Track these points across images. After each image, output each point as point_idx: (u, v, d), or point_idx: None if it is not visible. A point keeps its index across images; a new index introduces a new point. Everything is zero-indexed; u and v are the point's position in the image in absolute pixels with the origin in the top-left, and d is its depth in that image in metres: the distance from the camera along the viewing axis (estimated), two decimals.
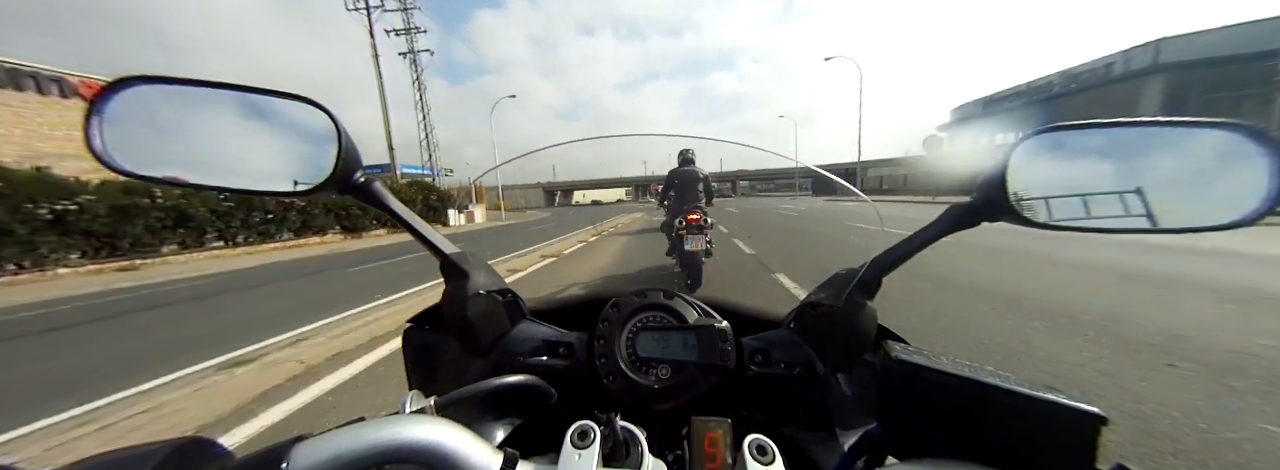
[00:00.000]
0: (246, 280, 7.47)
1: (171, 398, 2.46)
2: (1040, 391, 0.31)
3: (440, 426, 0.31)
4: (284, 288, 6.60)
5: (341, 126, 0.44)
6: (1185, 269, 4.64)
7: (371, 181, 0.47)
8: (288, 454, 0.27)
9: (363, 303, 4.94)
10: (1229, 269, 4.59)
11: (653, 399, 0.48)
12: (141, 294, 6.58)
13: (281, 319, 4.32)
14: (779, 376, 0.51)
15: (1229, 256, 5.20)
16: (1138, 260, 5.07)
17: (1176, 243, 5.62)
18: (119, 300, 6.12)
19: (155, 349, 3.64)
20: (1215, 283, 4.06)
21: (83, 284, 7.84)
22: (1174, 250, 5.51)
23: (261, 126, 0.45)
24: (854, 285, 0.47)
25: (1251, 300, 3.48)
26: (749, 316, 0.59)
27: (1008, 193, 0.39)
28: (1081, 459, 0.29)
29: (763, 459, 0.33)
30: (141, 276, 8.51)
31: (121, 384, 2.80)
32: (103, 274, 9.16)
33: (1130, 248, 5.69)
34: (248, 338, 3.69)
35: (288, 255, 11.59)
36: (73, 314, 5.28)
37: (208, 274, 8.44)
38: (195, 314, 5.06)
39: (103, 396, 2.63)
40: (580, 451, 0.33)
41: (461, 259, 0.52)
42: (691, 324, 0.51)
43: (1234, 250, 5.52)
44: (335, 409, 2.33)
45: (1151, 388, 2.12)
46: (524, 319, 0.57)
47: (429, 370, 0.58)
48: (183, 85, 0.43)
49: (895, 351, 0.37)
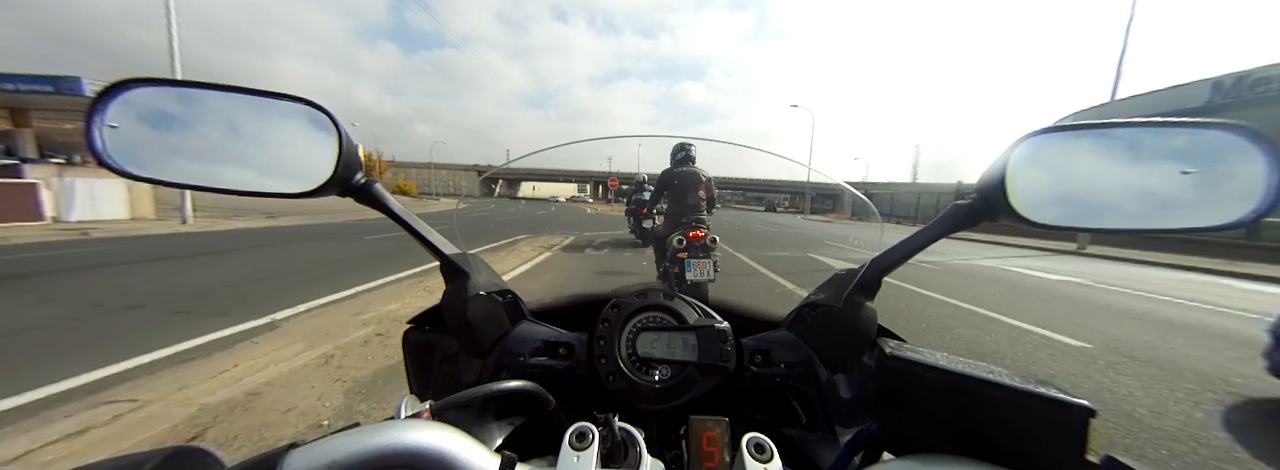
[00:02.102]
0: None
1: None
2: (1031, 385, 0.31)
3: (437, 431, 0.30)
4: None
5: (342, 127, 0.45)
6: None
7: (372, 183, 0.47)
8: (282, 461, 0.27)
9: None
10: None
11: (653, 399, 0.48)
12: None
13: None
14: (779, 377, 0.51)
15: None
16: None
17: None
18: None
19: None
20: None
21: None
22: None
23: (261, 127, 0.45)
24: (854, 286, 0.47)
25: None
26: (749, 317, 0.59)
27: (1007, 193, 0.39)
28: (1072, 450, 0.30)
29: (760, 457, 0.33)
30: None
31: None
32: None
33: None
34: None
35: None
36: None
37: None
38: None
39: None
40: (579, 453, 0.33)
41: (461, 260, 0.52)
42: (691, 324, 0.51)
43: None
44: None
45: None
46: (524, 319, 0.57)
47: (429, 371, 0.58)
48: (183, 87, 0.43)
49: (891, 348, 0.38)
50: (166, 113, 0.43)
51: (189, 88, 0.43)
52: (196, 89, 0.43)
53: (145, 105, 0.41)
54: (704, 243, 3.26)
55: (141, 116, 0.41)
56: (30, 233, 8.00)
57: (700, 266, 3.21)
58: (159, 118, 0.43)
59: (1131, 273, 8.11)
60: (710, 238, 3.28)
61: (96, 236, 7.91)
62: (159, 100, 0.42)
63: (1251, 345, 3.07)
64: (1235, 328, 4.12)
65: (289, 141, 0.46)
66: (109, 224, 9.85)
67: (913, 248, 0.46)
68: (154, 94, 0.42)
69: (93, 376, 2.31)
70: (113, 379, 2.31)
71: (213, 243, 7.53)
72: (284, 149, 0.46)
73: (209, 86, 0.43)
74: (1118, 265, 9.34)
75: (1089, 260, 10.20)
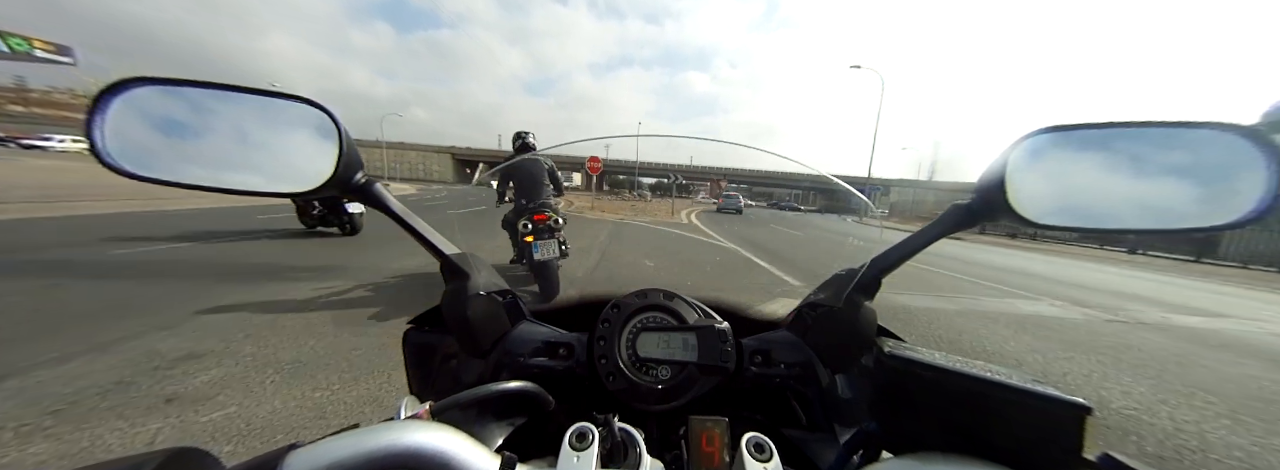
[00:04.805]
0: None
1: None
2: (1028, 384, 0.31)
3: (437, 432, 0.30)
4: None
5: (342, 127, 0.45)
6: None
7: (372, 183, 0.47)
8: (281, 462, 0.27)
9: None
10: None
11: (653, 399, 0.48)
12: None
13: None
14: (779, 377, 0.51)
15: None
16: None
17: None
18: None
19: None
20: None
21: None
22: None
23: (262, 127, 0.45)
24: (853, 286, 0.48)
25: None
26: (749, 317, 0.59)
27: (1007, 193, 0.40)
28: (1069, 448, 0.30)
29: (760, 457, 0.33)
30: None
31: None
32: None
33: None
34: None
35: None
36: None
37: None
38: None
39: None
40: (579, 453, 0.33)
41: (462, 260, 0.52)
42: (692, 325, 0.51)
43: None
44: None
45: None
46: (524, 320, 0.57)
47: (429, 371, 0.58)
48: (184, 86, 0.43)
49: (889, 348, 0.38)
50: (167, 112, 0.43)
51: (189, 87, 0.43)
52: (197, 88, 0.43)
53: (145, 105, 0.41)
54: (548, 225, 3.53)
55: (141, 116, 0.41)
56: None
57: (546, 247, 3.50)
58: (159, 117, 0.42)
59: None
60: (553, 219, 3.56)
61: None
62: (159, 100, 0.42)
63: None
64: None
65: (289, 141, 0.46)
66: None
67: (913, 248, 0.46)
68: (154, 93, 0.42)
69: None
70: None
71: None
72: (284, 148, 0.46)
73: (210, 86, 0.43)
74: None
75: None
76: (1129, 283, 8.24)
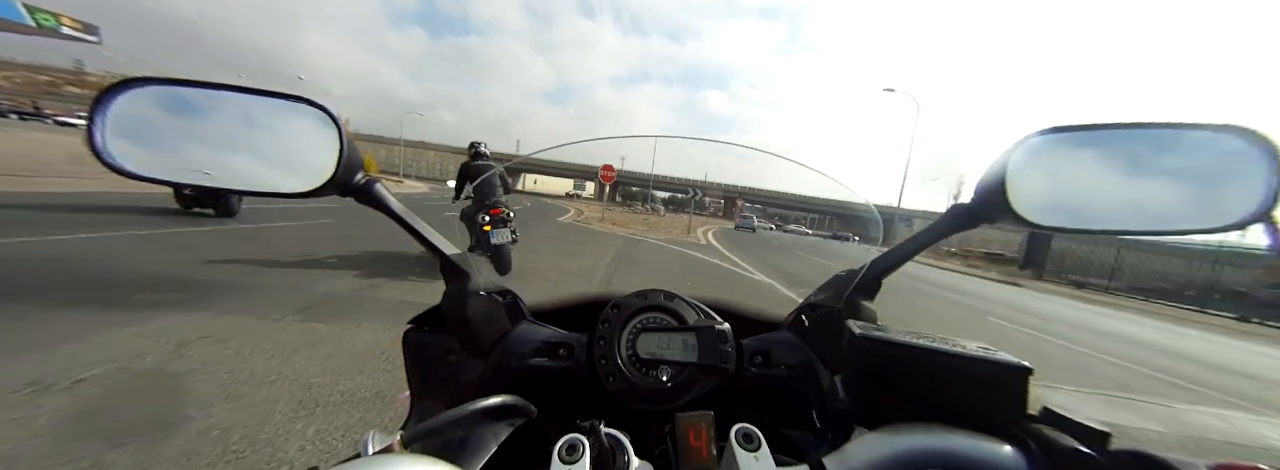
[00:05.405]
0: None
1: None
2: (977, 351, 0.35)
3: (411, 465, 0.28)
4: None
5: (342, 127, 0.45)
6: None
7: (373, 183, 0.47)
8: None
9: None
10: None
11: (653, 400, 0.48)
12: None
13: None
14: (779, 378, 0.51)
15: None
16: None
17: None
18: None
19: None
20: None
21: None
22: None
23: (262, 127, 0.46)
24: (854, 287, 0.47)
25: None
26: (749, 318, 0.59)
27: (1007, 194, 0.39)
28: (1015, 406, 0.34)
29: (749, 446, 0.33)
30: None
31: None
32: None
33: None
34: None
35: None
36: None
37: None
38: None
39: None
40: (569, 467, 0.32)
41: (462, 260, 0.52)
42: (692, 325, 0.51)
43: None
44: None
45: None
46: (524, 320, 0.57)
47: (430, 371, 0.58)
48: (185, 87, 0.43)
49: (860, 329, 0.39)
50: (168, 112, 0.43)
51: (191, 87, 0.43)
52: (198, 88, 0.43)
53: (147, 104, 0.42)
54: (502, 216, 4.62)
55: (143, 116, 0.41)
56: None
57: (500, 234, 4.59)
58: (160, 117, 0.43)
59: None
60: (506, 213, 4.65)
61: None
62: (160, 99, 0.42)
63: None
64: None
65: (290, 141, 0.46)
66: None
67: (912, 249, 0.46)
68: (155, 93, 0.42)
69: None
70: None
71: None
72: (285, 148, 0.47)
73: (210, 86, 0.44)
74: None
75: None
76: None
